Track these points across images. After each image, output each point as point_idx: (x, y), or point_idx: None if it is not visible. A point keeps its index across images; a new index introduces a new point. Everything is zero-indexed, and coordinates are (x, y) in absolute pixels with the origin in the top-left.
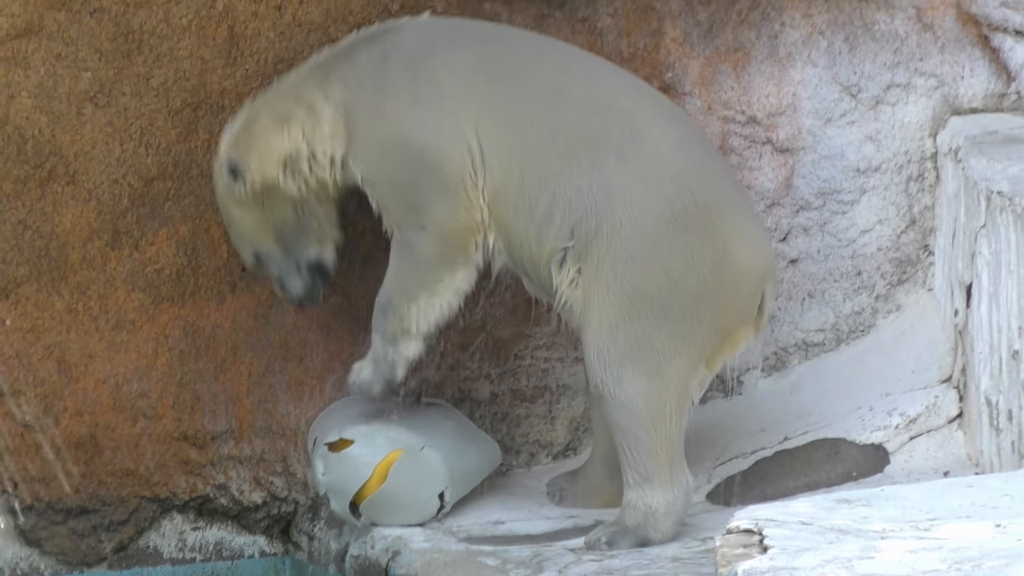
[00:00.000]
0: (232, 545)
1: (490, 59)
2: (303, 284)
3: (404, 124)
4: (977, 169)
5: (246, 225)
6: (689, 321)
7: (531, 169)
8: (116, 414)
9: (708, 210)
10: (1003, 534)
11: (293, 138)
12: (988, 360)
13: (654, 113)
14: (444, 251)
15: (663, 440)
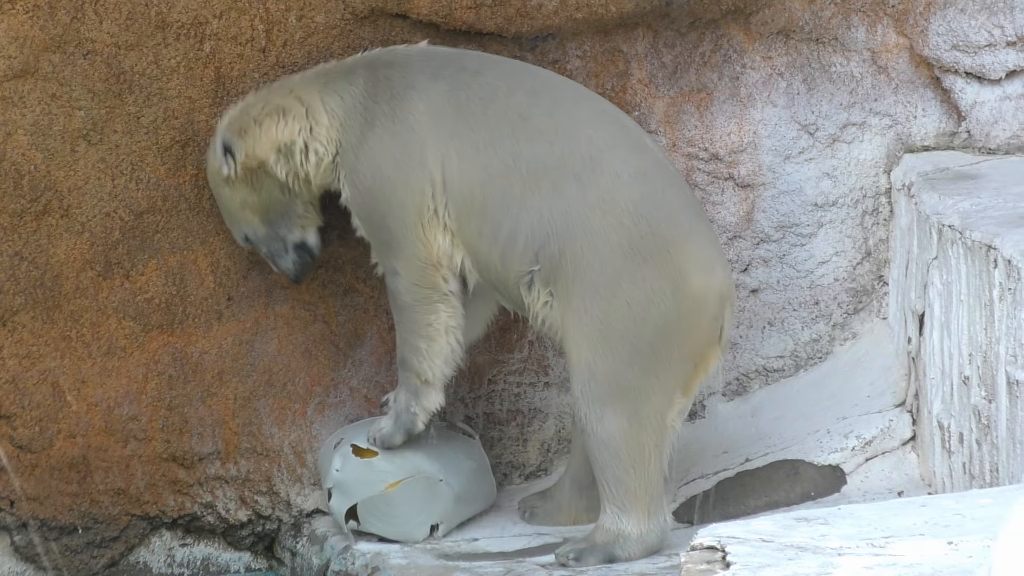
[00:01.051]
0: (219, 561)
1: (462, 90)
2: (292, 262)
3: (379, 159)
4: (929, 204)
5: (234, 204)
6: (658, 355)
7: (493, 193)
8: (107, 436)
9: (664, 240)
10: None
11: (290, 130)
12: (940, 385)
13: (617, 141)
14: (418, 293)
15: (642, 479)
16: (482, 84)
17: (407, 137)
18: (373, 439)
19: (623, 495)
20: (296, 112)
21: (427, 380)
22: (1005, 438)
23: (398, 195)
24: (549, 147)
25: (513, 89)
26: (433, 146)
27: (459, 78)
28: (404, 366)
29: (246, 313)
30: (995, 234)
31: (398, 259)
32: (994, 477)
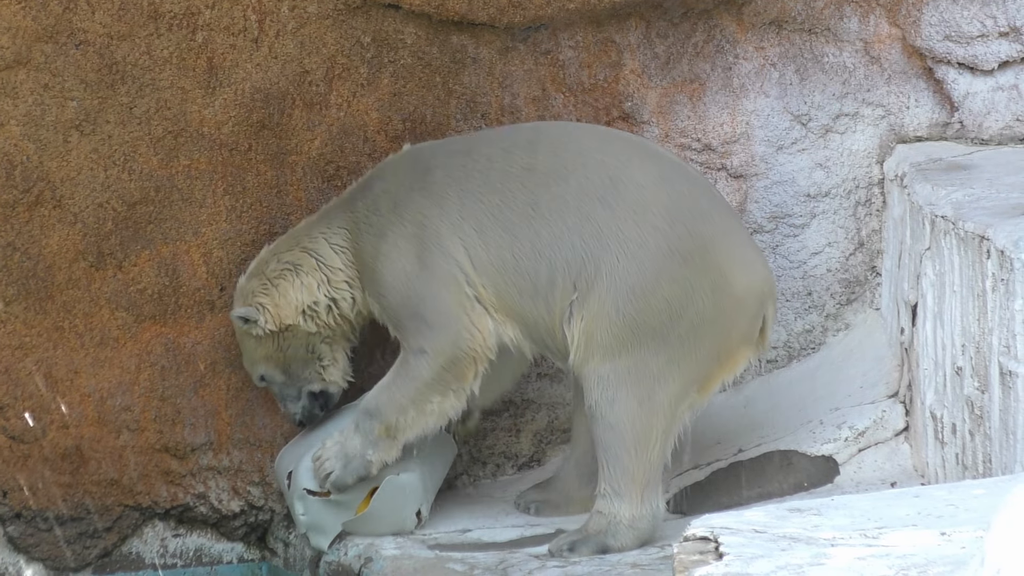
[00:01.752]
0: (211, 552)
1: (458, 171)
2: (301, 408)
3: (401, 263)
4: (922, 195)
5: (257, 354)
6: (686, 348)
7: (523, 248)
8: (100, 427)
9: (702, 240)
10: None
11: (309, 288)
12: (933, 376)
13: (629, 156)
14: (441, 376)
15: (642, 464)
16: (476, 158)
17: (421, 234)
18: (322, 483)
19: (620, 477)
20: (308, 266)
21: (393, 437)
22: (998, 429)
23: (432, 288)
24: (565, 184)
25: (508, 149)
26: (448, 235)
27: (451, 162)
28: (373, 415)
29: None
30: (988, 225)
31: (430, 342)
32: (987, 468)
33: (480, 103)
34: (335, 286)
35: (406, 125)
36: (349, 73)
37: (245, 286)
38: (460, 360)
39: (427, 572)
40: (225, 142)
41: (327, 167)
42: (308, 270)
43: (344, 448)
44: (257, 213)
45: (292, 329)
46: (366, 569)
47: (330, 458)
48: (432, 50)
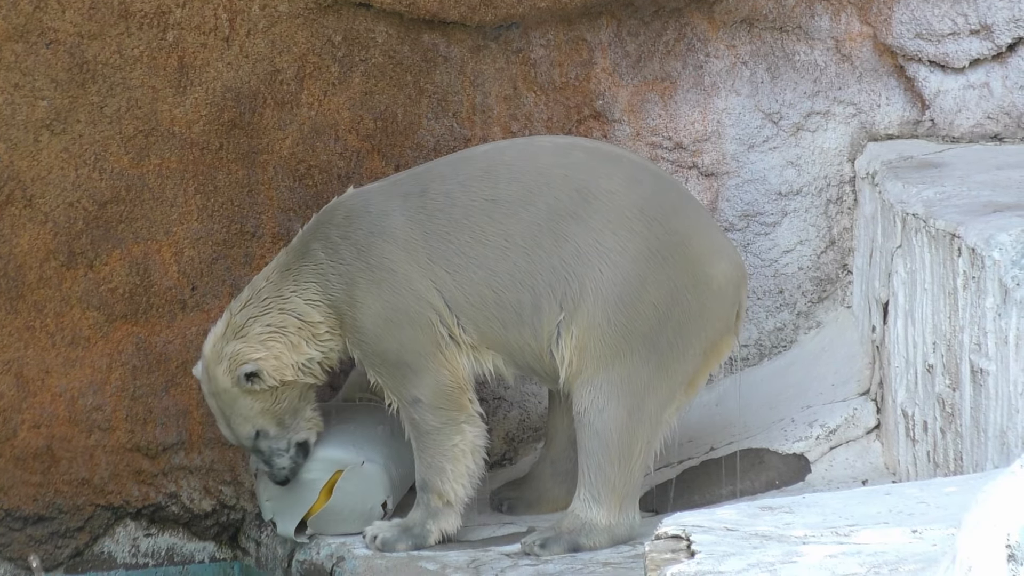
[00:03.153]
0: (183, 551)
1: (418, 212)
2: (289, 462)
3: (375, 309)
4: (893, 192)
5: (253, 410)
6: (675, 351)
7: (501, 280)
8: (72, 426)
9: (680, 236)
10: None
11: (299, 348)
12: (904, 374)
13: (592, 165)
14: (444, 416)
15: (624, 474)
16: (434, 198)
17: (391, 279)
18: (373, 539)
19: (600, 485)
20: (292, 326)
21: (448, 501)
22: (969, 426)
23: (407, 332)
24: (534, 208)
25: (465, 183)
26: (419, 278)
27: (408, 205)
28: (425, 487)
29: (210, 303)
30: (959, 223)
31: (419, 387)
32: (958, 465)
33: (451, 102)
34: (320, 340)
35: (377, 124)
36: (320, 72)
37: (223, 349)
38: (451, 393)
39: (399, 571)
40: (196, 141)
41: (298, 166)
42: (293, 330)
43: (405, 521)
44: (228, 212)
45: (290, 382)
46: (338, 568)
47: (383, 527)
48: (403, 49)
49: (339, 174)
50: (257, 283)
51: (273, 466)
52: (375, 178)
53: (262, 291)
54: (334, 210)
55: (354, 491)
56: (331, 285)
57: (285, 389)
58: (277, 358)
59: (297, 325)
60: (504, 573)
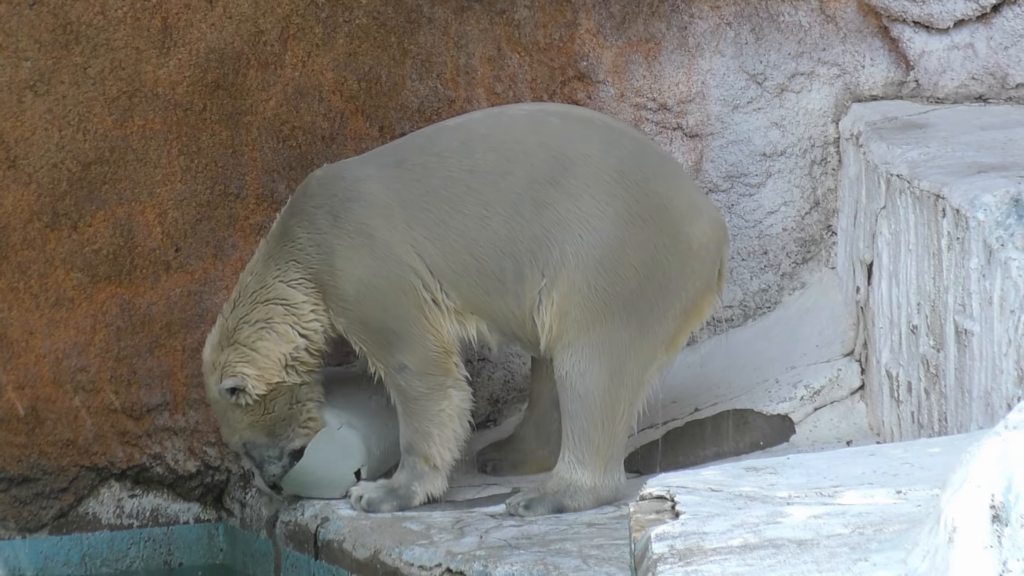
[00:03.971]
0: (168, 512)
1: (397, 182)
2: (280, 470)
3: (356, 275)
4: (877, 153)
5: (243, 423)
6: (656, 312)
7: (483, 248)
8: (56, 388)
9: (659, 198)
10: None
11: (287, 337)
12: (888, 335)
13: (566, 130)
14: (431, 381)
15: (608, 435)
16: (410, 168)
17: (370, 244)
18: (358, 499)
19: (585, 447)
20: (277, 315)
21: (435, 465)
22: (953, 387)
23: (389, 297)
24: (512, 177)
25: (442, 154)
26: (399, 243)
27: (384, 174)
28: (411, 451)
29: (194, 264)
30: (943, 183)
31: (405, 353)
32: (942, 426)
33: (435, 63)
34: (305, 323)
35: (361, 85)
36: (304, 33)
37: (217, 358)
38: (437, 358)
39: (384, 531)
40: (180, 102)
41: (282, 127)
42: (279, 319)
43: (390, 483)
44: (212, 173)
45: (278, 388)
46: (322, 529)
47: (367, 488)
48: (387, 10)
49: (323, 135)
50: (244, 280)
51: (263, 472)
52: (359, 139)
53: (248, 286)
54: (307, 184)
55: (326, 454)
56: (310, 258)
57: (274, 396)
58: (265, 358)
59: (282, 313)
60: (488, 534)
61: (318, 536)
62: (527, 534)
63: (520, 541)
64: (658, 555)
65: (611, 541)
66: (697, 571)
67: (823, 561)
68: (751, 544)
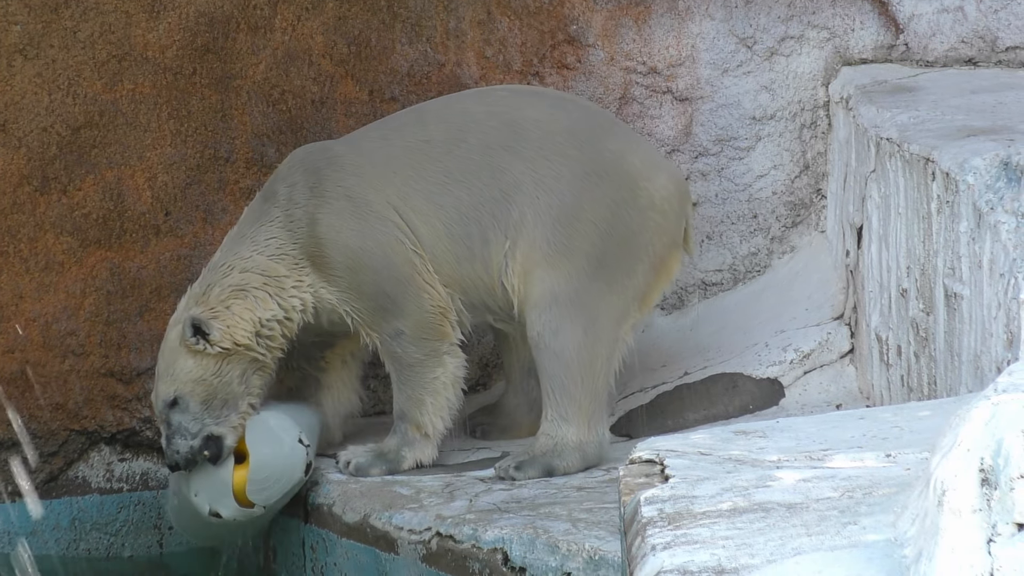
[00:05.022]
0: (158, 476)
1: (359, 151)
2: (187, 449)
3: (341, 241)
4: (867, 117)
5: (190, 374)
6: (622, 267)
7: (447, 215)
8: (46, 352)
9: (612, 155)
10: (893, 464)
11: (263, 302)
12: (878, 298)
13: (515, 100)
14: (427, 347)
15: (588, 391)
16: (371, 140)
17: (350, 206)
18: (347, 464)
19: (567, 404)
20: (255, 282)
21: (426, 433)
22: (943, 351)
23: (379, 257)
24: (466, 145)
25: (398, 129)
26: (376, 200)
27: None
28: (403, 418)
29: (184, 228)
30: (933, 147)
31: (401, 318)
32: (932, 390)
33: (425, 27)
34: (286, 296)
35: (351, 49)
36: None
37: (183, 315)
38: (433, 321)
39: (374, 495)
40: (169, 66)
41: (272, 91)
42: (257, 285)
43: (379, 447)
44: (202, 137)
45: (238, 353)
46: (312, 493)
47: (351, 457)
48: None
49: (312, 99)
50: (212, 260)
51: (171, 443)
52: (348, 103)
53: (218, 260)
54: (276, 174)
55: (266, 436)
56: (294, 233)
57: (232, 360)
58: (236, 317)
59: (262, 280)
60: (478, 498)
61: (308, 500)
62: (517, 498)
63: (510, 505)
64: (647, 519)
65: (600, 505)
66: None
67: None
68: (740, 508)
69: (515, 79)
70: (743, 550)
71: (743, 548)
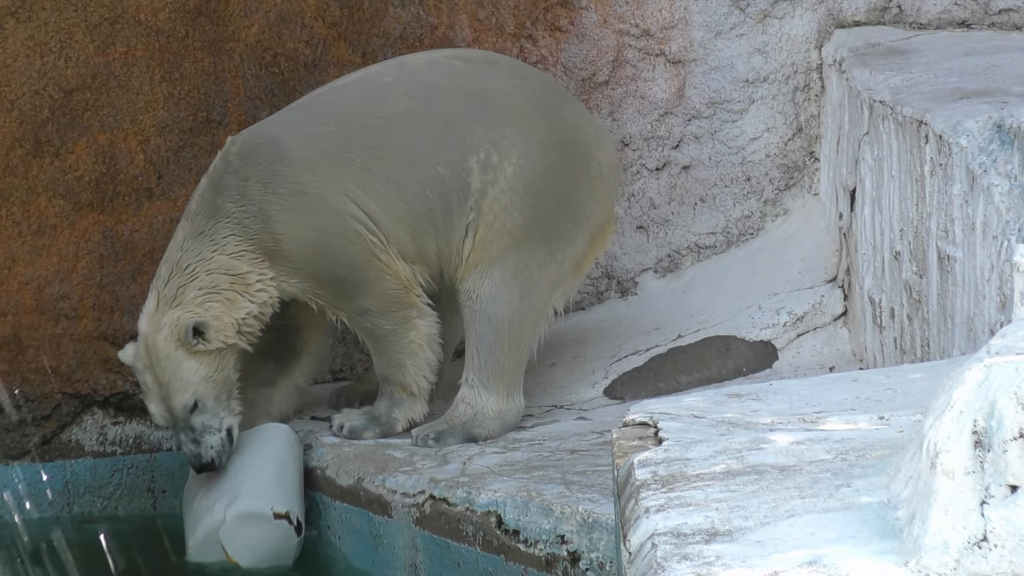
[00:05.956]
0: (151, 439)
1: (312, 136)
2: (219, 443)
3: (298, 236)
4: (860, 79)
5: (197, 375)
6: (569, 236)
7: (412, 193)
8: (38, 315)
9: (570, 123)
10: (886, 426)
11: (236, 304)
12: (871, 261)
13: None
14: (394, 317)
15: (513, 359)
16: (324, 122)
17: (305, 202)
18: (340, 427)
19: (491, 370)
20: (223, 282)
21: (412, 392)
22: (936, 313)
23: (337, 249)
24: (429, 116)
25: (353, 106)
26: (331, 194)
27: (300, 132)
28: (388, 381)
29: (177, 191)
30: (926, 109)
31: (364, 297)
32: (925, 352)
33: None
34: (253, 292)
35: (343, 11)
36: None
37: (160, 319)
38: (397, 295)
39: (367, 458)
40: (162, 29)
41: (264, 54)
42: (226, 286)
43: (371, 411)
44: (194, 100)
45: (230, 348)
46: (306, 457)
47: (345, 421)
48: None
49: (305, 62)
50: (172, 256)
51: (202, 444)
52: (341, 66)
53: (181, 260)
54: (225, 158)
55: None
56: (249, 230)
57: (227, 354)
58: (218, 318)
59: (229, 280)
60: (472, 461)
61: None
62: (510, 461)
63: (503, 468)
64: (641, 481)
65: (594, 468)
66: (680, 497)
67: (806, 487)
68: (734, 470)
69: (508, 42)
70: (736, 512)
71: (736, 510)
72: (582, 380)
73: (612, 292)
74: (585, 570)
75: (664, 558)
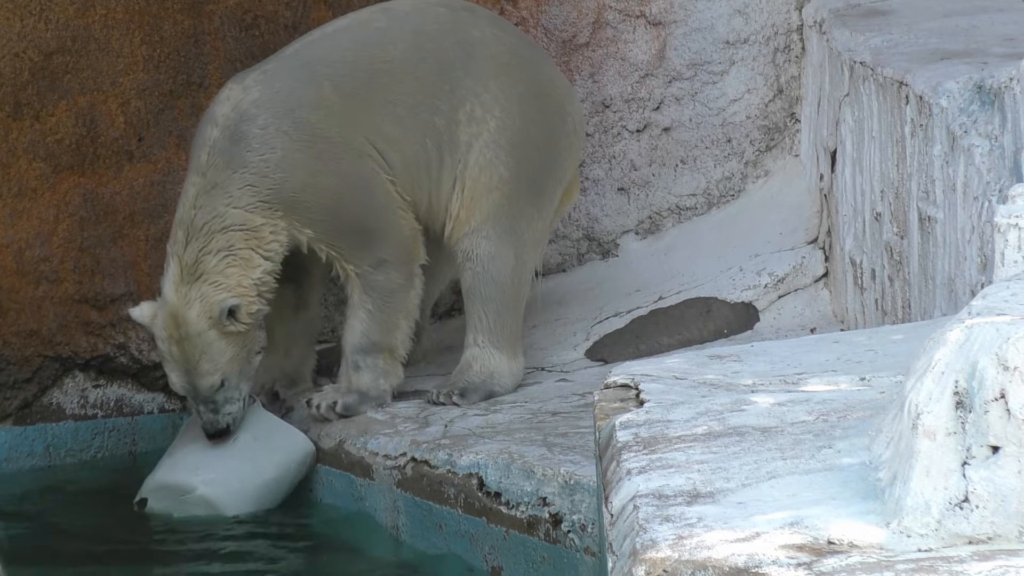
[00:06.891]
0: (132, 402)
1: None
2: (237, 409)
3: (325, 185)
4: (841, 41)
5: (226, 357)
6: (549, 190)
7: (414, 139)
8: (19, 278)
9: (546, 77)
10: (867, 387)
11: (251, 262)
12: (852, 222)
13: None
14: (406, 270)
15: (517, 318)
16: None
17: (331, 148)
18: (331, 407)
19: (500, 329)
20: (238, 240)
21: (396, 356)
22: (917, 274)
23: (362, 195)
24: (425, 64)
25: (355, 50)
26: (352, 136)
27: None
28: (374, 349)
29: (157, 154)
30: (906, 70)
31: (384, 246)
32: (906, 313)
33: None
34: (266, 245)
35: None
36: None
37: (187, 293)
38: (409, 244)
39: (349, 422)
40: None
41: (244, 16)
42: (241, 245)
43: (353, 386)
44: (175, 63)
45: (255, 315)
46: (287, 420)
47: (337, 398)
48: None
49: (285, 24)
50: (186, 216)
51: (220, 412)
52: None
53: (196, 220)
54: (238, 107)
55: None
56: (270, 179)
57: (251, 330)
58: (240, 285)
59: (243, 237)
60: (453, 423)
61: None
62: (491, 423)
63: (484, 431)
64: (623, 443)
65: (575, 430)
66: (661, 459)
67: (787, 448)
68: (715, 432)
69: (488, 4)
70: (718, 474)
71: (718, 472)
72: (563, 342)
73: (593, 254)
74: (567, 532)
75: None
